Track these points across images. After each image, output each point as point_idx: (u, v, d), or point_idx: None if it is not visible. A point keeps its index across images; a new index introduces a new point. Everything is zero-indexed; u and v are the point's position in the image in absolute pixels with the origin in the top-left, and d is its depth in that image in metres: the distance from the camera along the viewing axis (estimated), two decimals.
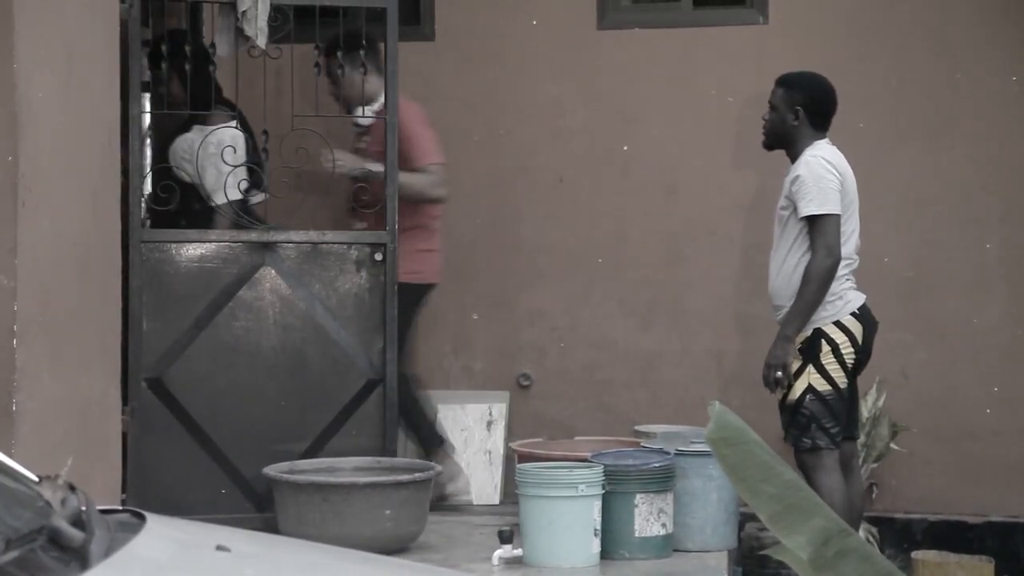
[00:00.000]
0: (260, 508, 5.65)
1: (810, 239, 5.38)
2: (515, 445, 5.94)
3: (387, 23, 5.85)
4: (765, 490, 2.09)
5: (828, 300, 5.37)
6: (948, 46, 6.67)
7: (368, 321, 5.84)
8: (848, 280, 5.47)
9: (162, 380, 5.66)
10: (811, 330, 5.38)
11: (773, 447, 2.18)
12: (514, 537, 5.15)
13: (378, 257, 5.83)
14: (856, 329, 5.41)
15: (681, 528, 5.41)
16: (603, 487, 5.16)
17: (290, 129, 5.79)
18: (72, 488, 2.32)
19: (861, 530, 6.10)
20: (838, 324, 5.39)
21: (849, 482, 5.51)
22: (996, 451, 6.60)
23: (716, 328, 6.82)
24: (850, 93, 6.03)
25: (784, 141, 5.61)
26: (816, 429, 5.35)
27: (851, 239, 5.48)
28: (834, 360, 5.37)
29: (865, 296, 5.51)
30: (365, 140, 6.27)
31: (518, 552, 5.13)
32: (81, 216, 4.43)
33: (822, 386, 5.36)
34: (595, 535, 5.12)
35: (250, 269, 5.76)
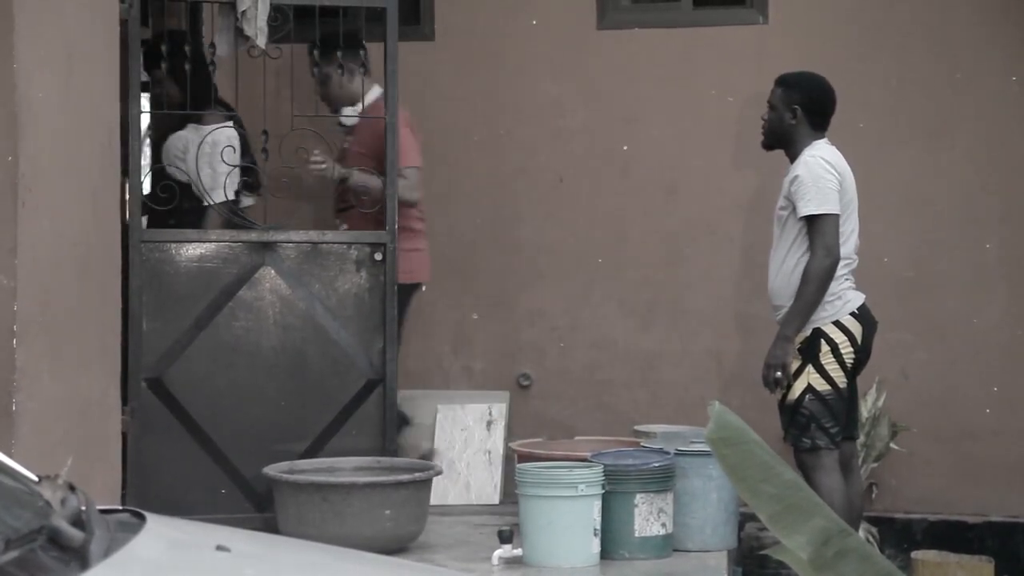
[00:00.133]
0: (260, 508, 5.65)
1: (809, 239, 5.38)
2: (515, 445, 5.94)
3: (387, 23, 5.85)
4: (765, 490, 2.09)
5: (827, 300, 5.37)
6: (948, 46, 6.67)
7: (368, 321, 5.84)
8: (847, 280, 5.47)
9: (162, 380, 5.66)
10: (810, 330, 5.37)
11: (773, 447, 2.18)
12: (514, 537, 5.15)
13: (378, 257, 5.83)
14: (855, 329, 5.41)
15: (681, 528, 5.41)
16: (603, 487, 5.16)
17: (290, 129, 5.80)
18: (72, 488, 2.32)
19: (861, 530, 6.10)
20: (837, 324, 5.39)
21: (849, 482, 5.51)
22: (996, 451, 6.60)
23: (716, 328, 6.81)
24: (850, 93, 6.02)
25: (783, 141, 5.61)
26: (816, 429, 5.35)
27: (850, 239, 5.48)
28: (833, 360, 5.37)
29: (865, 296, 5.50)
30: (349, 140, 6.29)
31: (518, 552, 5.13)
32: (81, 216, 4.43)
33: (821, 386, 5.35)
34: (595, 535, 5.12)
35: (250, 269, 5.76)
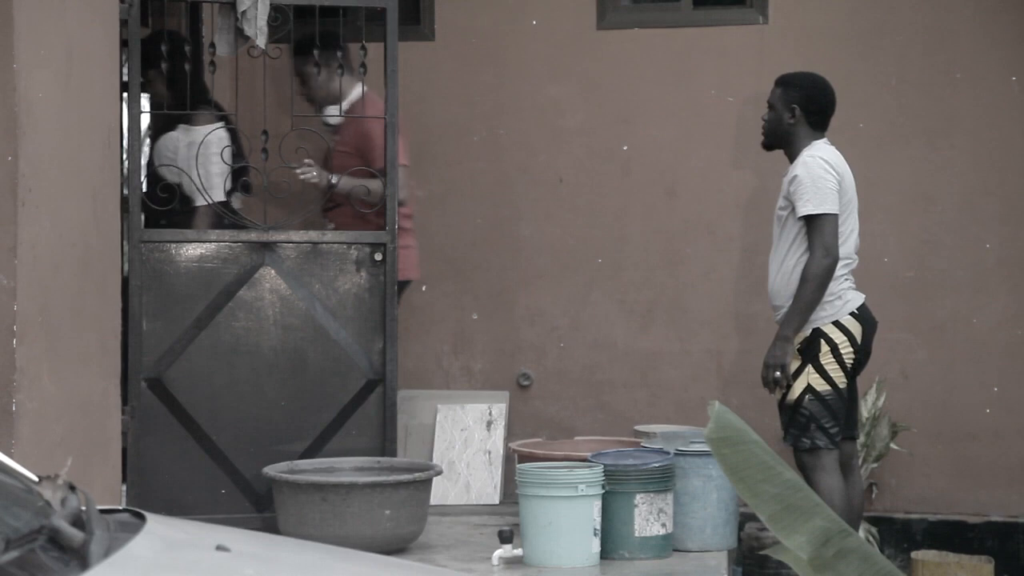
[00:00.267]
0: (260, 508, 5.65)
1: (808, 239, 5.38)
2: (515, 445, 5.93)
3: (387, 23, 5.85)
4: (765, 490, 2.10)
5: (827, 300, 5.36)
6: (948, 46, 6.66)
7: (368, 321, 5.83)
8: (847, 280, 5.46)
9: (162, 380, 5.66)
10: (810, 330, 5.37)
11: (773, 447, 2.18)
12: (514, 537, 5.15)
13: (378, 257, 5.83)
14: (855, 329, 5.41)
15: (681, 528, 5.40)
16: (603, 487, 5.16)
17: (290, 129, 5.80)
18: (72, 488, 2.32)
19: (861, 530, 6.10)
20: (837, 324, 5.39)
21: (849, 482, 5.50)
22: (996, 451, 6.60)
23: (716, 328, 6.81)
24: (850, 93, 6.02)
25: (782, 141, 5.61)
26: (815, 429, 5.35)
27: (850, 239, 5.48)
28: (833, 360, 5.36)
29: (864, 296, 5.50)
30: (334, 140, 6.29)
31: (518, 552, 5.13)
32: (81, 216, 4.43)
33: (821, 386, 5.35)
34: (595, 535, 5.12)
35: (250, 269, 5.76)
